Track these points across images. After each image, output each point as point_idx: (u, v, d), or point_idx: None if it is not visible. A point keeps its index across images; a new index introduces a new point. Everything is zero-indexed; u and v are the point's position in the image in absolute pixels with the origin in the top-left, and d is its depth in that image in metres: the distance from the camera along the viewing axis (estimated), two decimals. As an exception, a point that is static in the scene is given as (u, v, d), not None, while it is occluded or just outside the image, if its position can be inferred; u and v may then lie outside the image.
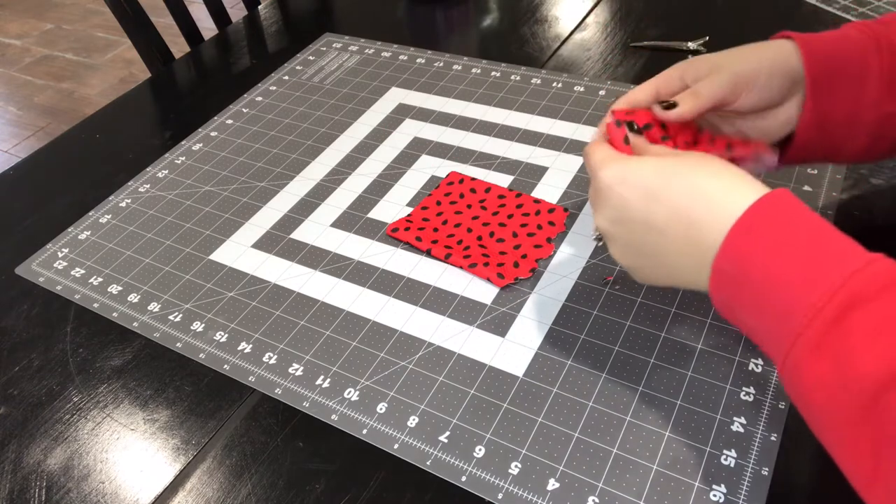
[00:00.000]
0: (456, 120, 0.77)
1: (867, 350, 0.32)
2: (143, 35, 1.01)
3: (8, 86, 2.59)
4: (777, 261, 0.36)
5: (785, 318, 0.35)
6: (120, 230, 0.69)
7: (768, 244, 0.36)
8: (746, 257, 0.37)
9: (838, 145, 0.49)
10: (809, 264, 0.35)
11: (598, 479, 0.45)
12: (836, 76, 0.47)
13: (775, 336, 0.36)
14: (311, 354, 0.55)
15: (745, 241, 0.37)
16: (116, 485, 0.49)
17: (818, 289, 0.34)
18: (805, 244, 0.36)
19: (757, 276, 0.36)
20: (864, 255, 0.35)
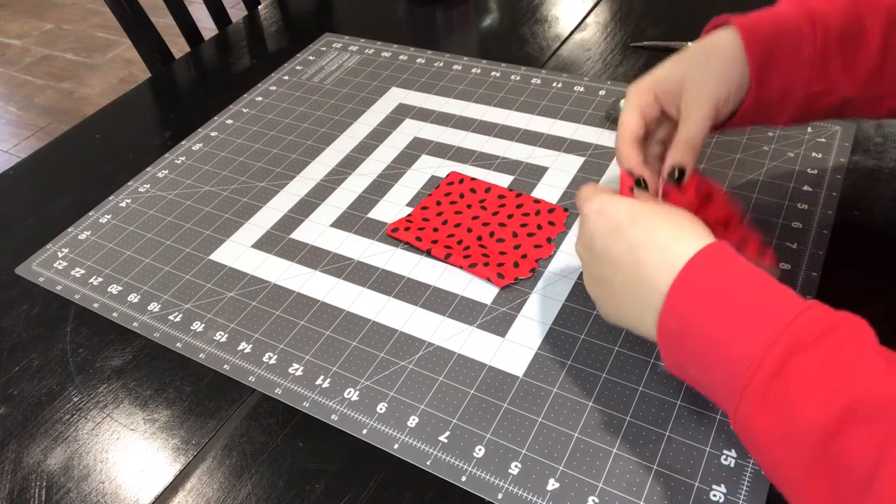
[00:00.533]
0: (456, 120, 0.77)
1: (809, 398, 0.32)
2: (143, 35, 1.01)
3: (8, 86, 2.59)
4: (716, 316, 0.37)
5: (730, 374, 0.36)
6: (120, 230, 0.69)
7: (706, 300, 0.38)
8: (687, 314, 0.38)
9: (769, 119, 0.52)
10: (747, 318, 0.36)
11: (598, 479, 0.45)
12: (773, 62, 0.49)
13: (723, 392, 0.37)
14: (311, 354, 0.55)
15: (685, 297, 0.39)
16: (116, 485, 0.49)
17: (756, 342, 0.35)
18: (741, 297, 0.37)
19: (699, 332, 0.38)
20: (799, 304, 0.36)
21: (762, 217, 0.61)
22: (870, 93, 0.50)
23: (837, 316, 0.35)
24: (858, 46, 0.49)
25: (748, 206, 0.62)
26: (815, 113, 0.52)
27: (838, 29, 0.49)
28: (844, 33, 0.49)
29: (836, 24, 0.49)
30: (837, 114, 0.53)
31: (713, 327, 0.37)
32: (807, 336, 0.34)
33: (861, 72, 0.49)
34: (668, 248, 0.41)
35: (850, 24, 0.49)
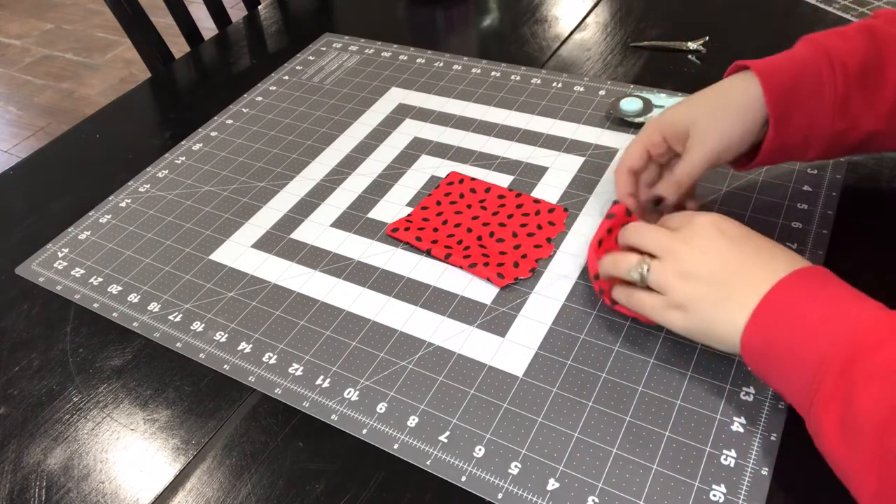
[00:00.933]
0: (456, 120, 0.77)
1: (866, 396, 0.36)
2: (143, 35, 1.01)
3: (8, 86, 2.59)
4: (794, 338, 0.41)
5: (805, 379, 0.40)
6: (120, 230, 0.69)
7: (786, 322, 0.41)
8: (769, 335, 0.42)
9: (794, 157, 0.55)
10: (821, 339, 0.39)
11: (597, 479, 0.45)
12: (793, 110, 0.51)
13: (798, 398, 0.41)
14: (311, 354, 0.55)
15: (767, 320, 0.42)
16: (116, 485, 0.49)
17: (831, 345, 0.38)
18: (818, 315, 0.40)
19: (778, 353, 0.41)
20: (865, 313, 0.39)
21: (762, 217, 0.61)
22: (894, 127, 0.51)
23: None
24: (879, 81, 0.50)
25: (748, 206, 0.62)
26: (842, 149, 0.54)
27: (857, 66, 0.50)
28: (864, 69, 0.50)
29: (854, 61, 0.50)
30: (865, 148, 0.54)
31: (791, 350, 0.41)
32: (873, 335, 0.37)
33: (883, 105, 0.50)
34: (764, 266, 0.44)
35: (869, 60, 0.50)
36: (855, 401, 0.36)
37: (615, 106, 0.74)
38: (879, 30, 0.51)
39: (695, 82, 0.65)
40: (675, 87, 0.77)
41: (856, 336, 0.38)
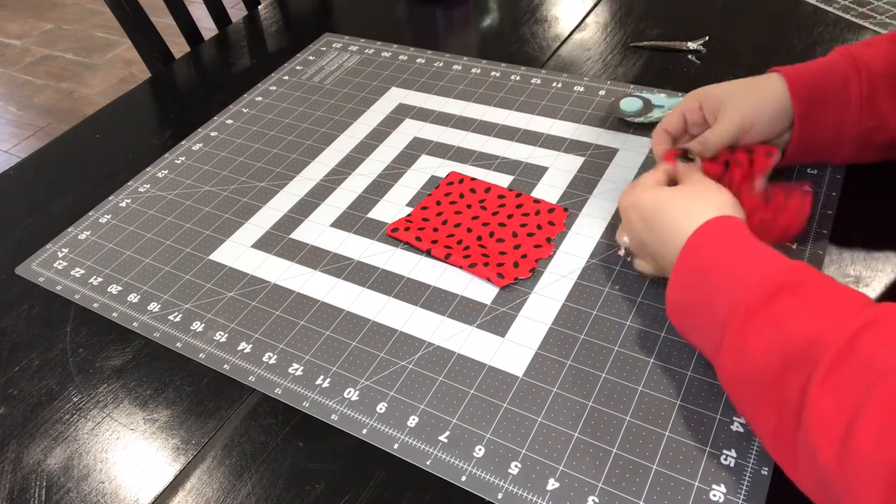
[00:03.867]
0: (456, 120, 0.77)
1: (758, 347, 0.40)
2: (143, 35, 1.01)
3: (8, 86, 2.59)
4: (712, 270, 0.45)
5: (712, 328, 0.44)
6: (120, 230, 0.69)
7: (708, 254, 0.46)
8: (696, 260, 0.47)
9: (825, 158, 0.60)
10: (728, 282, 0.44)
11: (597, 479, 0.45)
12: (819, 107, 0.56)
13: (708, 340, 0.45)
14: (311, 354, 0.55)
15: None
16: (116, 485, 0.49)
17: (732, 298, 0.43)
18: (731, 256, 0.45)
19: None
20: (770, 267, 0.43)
21: (762, 217, 0.61)
22: None
23: (795, 276, 0.42)
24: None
25: (748, 206, 0.62)
26: (872, 149, 0.57)
27: (883, 68, 0.54)
28: (890, 72, 0.54)
29: (880, 64, 0.55)
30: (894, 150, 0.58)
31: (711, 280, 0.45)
32: (762, 293, 0.41)
33: None
34: (676, 236, 0.48)
35: (893, 67, 0.54)
36: (750, 351, 0.40)
37: (615, 106, 0.74)
38: None
39: (695, 82, 0.65)
40: (675, 87, 0.77)
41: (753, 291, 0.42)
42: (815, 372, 0.36)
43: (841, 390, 0.35)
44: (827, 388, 0.36)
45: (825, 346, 0.37)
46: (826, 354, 0.36)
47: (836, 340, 0.36)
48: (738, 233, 0.46)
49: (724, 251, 0.45)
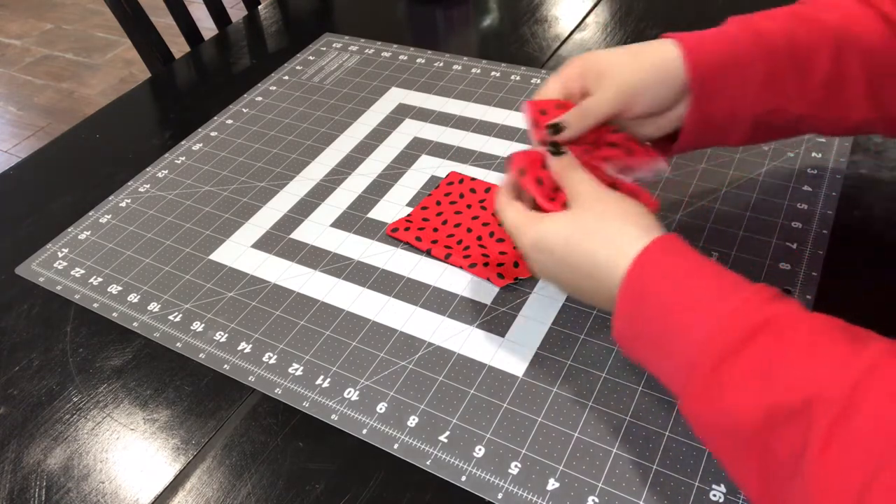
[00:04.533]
0: (456, 120, 0.77)
1: (739, 398, 0.35)
2: (143, 35, 1.01)
3: (8, 86, 2.59)
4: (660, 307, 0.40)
5: (676, 368, 0.39)
6: (120, 230, 0.69)
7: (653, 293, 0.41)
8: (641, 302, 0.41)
9: (720, 139, 0.52)
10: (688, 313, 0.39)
11: (597, 479, 0.45)
12: (717, 82, 0.49)
13: (671, 381, 0.40)
14: (311, 354, 0.55)
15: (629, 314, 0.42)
16: (116, 485, 0.49)
17: (694, 342, 0.37)
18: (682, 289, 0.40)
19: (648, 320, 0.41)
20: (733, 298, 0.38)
21: (762, 217, 0.61)
22: (827, 113, 0.50)
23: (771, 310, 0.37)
24: (807, 66, 0.49)
25: (748, 206, 0.62)
26: (769, 132, 0.52)
27: (785, 48, 0.49)
28: (792, 53, 0.49)
29: (782, 44, 0.49)
30: (793, 132, 0.53)
31: (661, 317, 0.40)
32: (736, 334, 0.36)
33: (813, 91, 0.49)
34: (614, 263, 0.42)
35: (798, 44, 0.49)
36: (729, 402, 0.36)
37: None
38: (807, 14, 0.50)
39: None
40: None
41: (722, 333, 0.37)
42: (811, 431, 0.32)
43: (850, 452, 0.31)
44: (832, 450, 0.31)
45: (823, 402, 0.32)
46: (825, 411, 0.32)
47: (834, 395, 0.32)
48: (686, 256, 0.41)
49: (677, 281, 0.40)
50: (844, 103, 0.50)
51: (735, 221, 0.61)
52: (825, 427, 0.32)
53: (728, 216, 0.61)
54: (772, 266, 0.57)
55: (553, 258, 0.45)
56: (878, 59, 0.49)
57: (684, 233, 0.60)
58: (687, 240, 0.43)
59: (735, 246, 0.59)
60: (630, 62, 0.50)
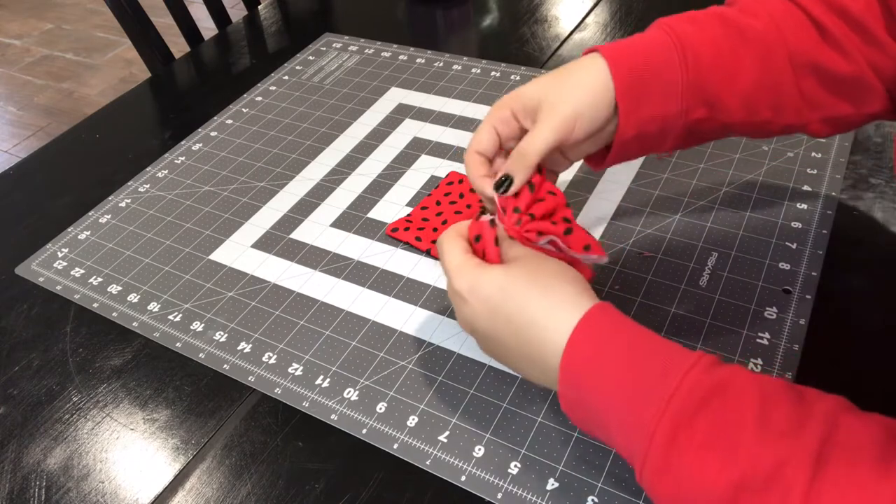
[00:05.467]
0: (456, 120, 0.77)
1: (701, 473, 0.34)
2: (143, 35, 1.01)
3: (8, 86, 2.59)
4: (607, 389, 0.39)
5: (628, 442, 0.38)
6: (120, 230, 0.69)
7: (596, 373, 0.39)
8: (582, 388, 0.40)
9: (651, 148, 0.50)
10: (636, 387, 0.38)
11: (597, 478, 0.45)
12: (644, 93, 0.47)
13: (627, 454, 0.39)
14: (311, 354, 0.55)
15: (575, 375, 0.40)
16: (116, 484, 0.49)
17: (647, 412, 0.36)
18: (628, 365, 0.39)
19: (595, 406, 0.39)
20: (682, 366, 0.37)
21: (762, 217, 0.61)
22: (753, 118, 0.49)
23: (716, 377, 0.36)
24: (732, 71, 0.47)
25: (748, 206, 0.62)
26: (699, 137, 0.51)
27: (709, 54, 0.47)
28: (716, 58, 0.47)
29: (706, 49, 0.47)
30: (721, 136, 0.52)
31: (606, 399, 0.39)
32: (690, 404, 0.36)
33: (737, 96, 0.48)
34: (546, 326, 0.41)
35: (721, 49, 0.48)
36: (691, 478, 0.35)
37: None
38: (733, 19, 0.49)
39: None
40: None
41: (675, 402, 0.36)
42: (788, 499, 0.32)
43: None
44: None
45: (791, 469, 0.32)
46: (795, 479, 0.32)
47: (802, 461, 0.32)
48: (625, 324, 0.41)
49: (620, 350, 0.39)
50: (773, 108, 0.49)
51: (735, 221, 0.61)
52: (800, 495, 0.32)
53: (728, 216, 0.61)
54: (772, 266, 0.57)
55: (486, 306, 0.44)
56: (806, 61, 0.48)
57: (684, 233, 0.61)
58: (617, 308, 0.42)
59: (735, 246, 0.59)
60: (561, 91, 0.47)
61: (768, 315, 0.53)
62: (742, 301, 0.54)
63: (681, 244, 0.60)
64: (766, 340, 0.51)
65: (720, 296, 0.55)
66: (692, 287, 0.56)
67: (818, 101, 0.49)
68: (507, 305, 0.43)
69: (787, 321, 0.53)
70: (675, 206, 0.63)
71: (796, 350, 0.51)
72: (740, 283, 0.56)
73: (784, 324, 0.52)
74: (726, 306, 0.54)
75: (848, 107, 0.49)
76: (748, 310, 0.54)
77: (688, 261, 0.58)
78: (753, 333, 0.52)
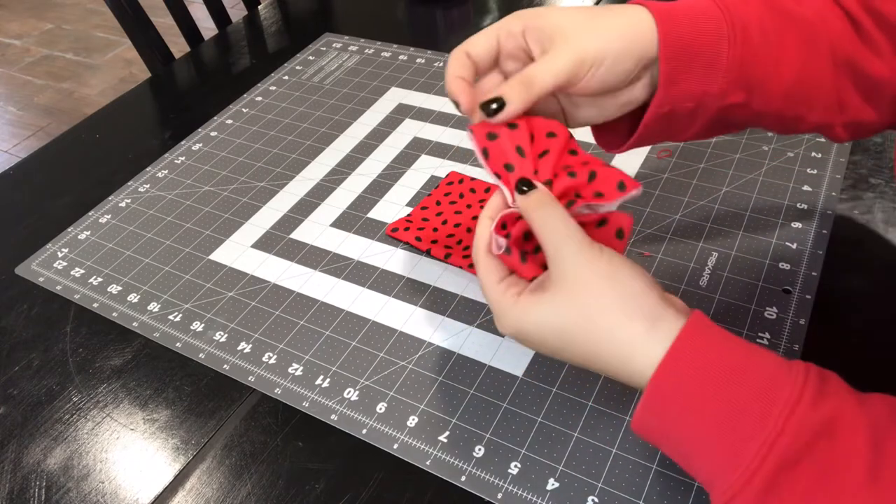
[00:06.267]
0: (456, 120, 0.77)
1: None
2: (143, 35, 1.01)
3: (8, 86, 2.59)
4: (694, 422, 0.34)
5: (715, 475, 0.34)
6: (120, 230, 0.69)
7: (682, 406, 0.35)
8: (665, 415, 0.35)
9: (677, 132, 0.46)
10: (729, 426, 0.33)
11: (597, 478, 0.45)
12: (687, 67, 0.42)
13: (706, 483, 0.35)
14: (311, 354, 0.55)
15: (659, 403, 0.35)
16: (116, 484, 0.49)
17: (746, 451, 0.33)
18: (718, 400, 0.34)
19: (676, 434, 0.36)
20: (787, 401, 0.33)
21: (762, 217, 0.61)
22: (788, 111, 0.45)
23: (824, 413, 0.33)
24: (777, 57, 0.43)
25: (748, 206, 0.62)
26: (723, 127, 0.46)
27: (757, 36, 0.42)
28: (764, 42, 0.43)
29: (754, 30, 0.43)
30: (744, 127, 0.48)
31: (695, 432, 0.35)
32: (795, 447, 0.32)
33: (779, 88, 0.44)
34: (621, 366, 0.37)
35: (769, 35, 0.43)
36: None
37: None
38: (781, 5, 0.44)
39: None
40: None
41: (779, 444, 0.32)
42: None
43: None
44: None
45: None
46: None
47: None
48: (716, 345, 0.36)
49: (713, 376, 0.34)
50: (808, 103, 0.45)
51: (735, 221, 0.61)
52: None
53: (728, 216, 0.61)
54: (772, 266, 0.57)
55: (544, 347, 0.39)
56: (845, 58, 0.45)
57: (684, 233, 0.60)
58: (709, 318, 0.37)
59: (735, 246, 0.59)
60: (590, 25, 0.41)
61: (768, 315, 0.53)
62: (742, 301, 0.54)
63: (681, 244, 0.60)
64: (766, 340, 0.51)
65: (720, 296, 0.55)
66: (692, 287, 0.56)
67: (848, 103, 0.46)
68: (569, 349, 0.38)
69: (787, 321, 0.53)
70: (675, 206, 0.63)
71: (796, 350, 0.51)
72: (740, 283, 0.56)
73: (784, 324, 0.52)
74: (726, 306, 0.54)
75: (872, 113, 0.46)
76: (748, 310, 0.54)
77: (688, 261, 0.58)
78: (753, 333, 0.52)
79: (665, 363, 0.35)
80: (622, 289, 0.37)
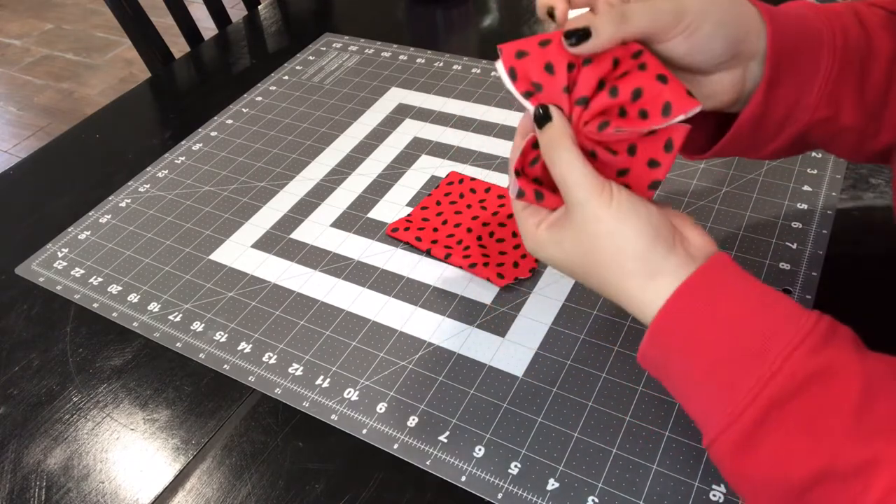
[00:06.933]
0: (456, 120, 0.77)
1: (786, 454, 0.33)
2: (143, 35, 1.01)
3: (8, 86, 2.59)
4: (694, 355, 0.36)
5: (704, 411, 0.36)
6: (120, 230, 0.69)
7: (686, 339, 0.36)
8: (669, 347, 0.37)
9: (758, 145, 0.44)
10: (728, 360, 0.34)
11: (597, 479, 0.45)
12: (789, 69, 0.40)
13: (702, 413, 0.36)
14: (311, 354, 0.55)
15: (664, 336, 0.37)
16: (116, 485, 0.49)
17: (738, 389, 0.34)
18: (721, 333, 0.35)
19: (676, 367, 0.37)
20: (785, 343, 0.33)
21: (762, 217, 0.61)
22: (870, 127, 0.43)
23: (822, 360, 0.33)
24: (866, 69, 0.41)
25: (748, 206, 0.62)
26: (804, 145, 0.45)
27: (854, 42, 0.41)
28: (856, 52, 0.41)
29: (852, 36, 0.41)
30: (814, 148, 0.46)
31: (695, 365, 0.36)
32: (789, 387, 0.33)
33: (869, 98, 0.42)
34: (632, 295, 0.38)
35: (859, 44, 0.41)
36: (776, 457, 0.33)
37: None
38: (866, 15, 0.43)
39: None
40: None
41: (777, 379, 0.33)
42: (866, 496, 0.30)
43: None
44: None
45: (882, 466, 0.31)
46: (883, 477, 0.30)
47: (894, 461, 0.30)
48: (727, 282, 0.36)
49: (720, 312, 0.35)
50: (884, 121, 0.42)
51: (735, 221, 0.61)
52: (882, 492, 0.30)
53: (728, 216, 0.61)
54: (772, 266, 0.57)
55: (562, 267, 0.41)
56: None
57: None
58: None
59: (735, 246, 0.59)
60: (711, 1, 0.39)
61: (768, 315, 0.53)
62: (742, 301, 0.54)
63: (681, 244, 0.59)
64: (766, 340, 0.51)
65: (720, 296, 0.55)
66: (692, 287, 0.56)
67: None
68: (582, 281, 0.40)
69: (787, 321, 0.53)
70: (675, 206, 0.63)
71: (796, 350, 0.51)
72: (740, 283, 0.56)
73: (784, 324, 0.52)
74: (726, 306, 0.54)
75: None
76: (748, 310, 0.54)
77: (688, 261, 0.58)
78: (754, 333, 0.52)
79: (670, 302, 0.36)
80: (624, 242, 0.37)
